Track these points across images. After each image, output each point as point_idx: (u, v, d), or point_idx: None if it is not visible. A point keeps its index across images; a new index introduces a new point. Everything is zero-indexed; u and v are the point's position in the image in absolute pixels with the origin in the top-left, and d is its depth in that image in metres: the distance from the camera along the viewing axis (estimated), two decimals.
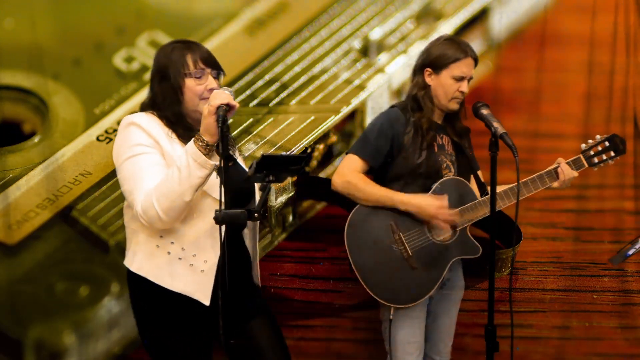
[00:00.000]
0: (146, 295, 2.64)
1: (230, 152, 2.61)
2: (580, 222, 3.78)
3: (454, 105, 3.06)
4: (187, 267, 2.58)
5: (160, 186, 2.49)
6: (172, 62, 2.65)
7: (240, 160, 2.79)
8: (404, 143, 3.01)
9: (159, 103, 2.66)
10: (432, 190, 3.01)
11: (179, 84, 2.63)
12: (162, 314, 2.63)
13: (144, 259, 2.61)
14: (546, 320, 3.74)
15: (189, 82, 2.63)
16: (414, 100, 3.06)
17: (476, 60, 3.08)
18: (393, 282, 2.99)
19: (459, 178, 3.07)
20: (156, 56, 2.70)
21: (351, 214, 3.01)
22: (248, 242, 2.74)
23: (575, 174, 3.04)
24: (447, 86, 3.02)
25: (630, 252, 3.47)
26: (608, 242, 3.75)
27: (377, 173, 3.06)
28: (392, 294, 2.99)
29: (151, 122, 2.61)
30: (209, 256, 2.58)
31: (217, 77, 2.68)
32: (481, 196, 3.05)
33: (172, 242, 2.59)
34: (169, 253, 2.59)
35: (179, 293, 2.58)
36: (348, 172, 3.01)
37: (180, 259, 2.58)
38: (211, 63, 2.66)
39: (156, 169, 2.55)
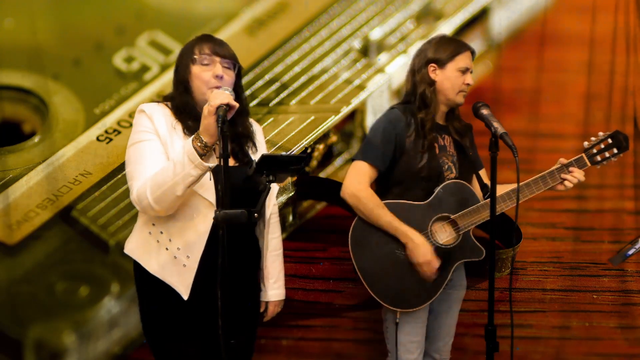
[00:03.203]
0: (144, 280, 2.69)
1: (250, 151, 2.70)
2: (580, 222, 3.78)
3: (461, 99, 3.06)
4: (171, 259, 2.63)
5: (155, 176, 2.53)
6: (183, 52, 2.71)
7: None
8: (406, 146, 3.00)
9: (172, 93, 2.71)
10: (434, 195, 2.99)
11: (186, 72, 2.66)
12: (158, 299, 2.67)
13: (137, 242, 2.70)
14: (546, 320, 3.74)
15: (195, 69, 2.65)
16: (422, 98, 3.04)
17: (474, 54, 3.11)
18: (398, 286, 2.98)
19: (461, 181, 3.05)
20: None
21: (355, 219, 3.00)
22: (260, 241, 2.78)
23: (582, 177, 3.02)
24: (453, 79, 3.03)
25: (630, 252, 3.48)
26: (608, 242, 3.75)
27: (379, 178, 3.04)
28: (398, 299, 2.99)
29: (158, 112, 2.65)
30: (193, 252, 2.61)
31: (231, 68, 2.67)
32: (484, 197, 3.04)
33: (162, 232, 2.64)
34: (158, 242, 2.64)
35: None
36: (358, 185, 2.98)
37: (167, 249, 2.63)
38: (219, 52, 2.65)
39: (157, 157, 2.58)
